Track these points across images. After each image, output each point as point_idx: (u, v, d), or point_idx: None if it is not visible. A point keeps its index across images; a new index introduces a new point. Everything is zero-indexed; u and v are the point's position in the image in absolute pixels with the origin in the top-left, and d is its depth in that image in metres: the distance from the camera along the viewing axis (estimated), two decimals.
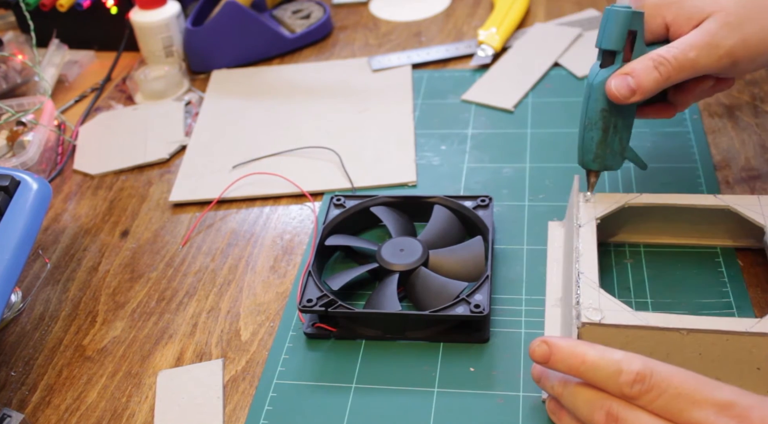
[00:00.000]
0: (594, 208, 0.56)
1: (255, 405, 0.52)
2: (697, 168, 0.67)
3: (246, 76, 0.89)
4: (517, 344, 0.54)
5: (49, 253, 0.68)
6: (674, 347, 0.47)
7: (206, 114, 0.83)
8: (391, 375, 0.53)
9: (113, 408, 0.54)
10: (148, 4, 0.87)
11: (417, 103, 0.81)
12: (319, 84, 0.86)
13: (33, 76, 0.88)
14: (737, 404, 0.38)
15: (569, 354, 0.43)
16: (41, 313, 0.62)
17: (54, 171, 0.78)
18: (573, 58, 0.83)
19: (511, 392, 0.51)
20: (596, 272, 0.51)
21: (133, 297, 0.63)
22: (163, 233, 0.69)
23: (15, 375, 0.57)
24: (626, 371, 0.40)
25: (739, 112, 0.73)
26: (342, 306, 0.54)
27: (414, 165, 0.72)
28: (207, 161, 0.76)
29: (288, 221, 0.68)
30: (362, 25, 0.97)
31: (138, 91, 0.88)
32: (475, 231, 0.61)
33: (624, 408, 0.40)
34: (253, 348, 0.57)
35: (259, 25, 0.89)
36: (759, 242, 0.57)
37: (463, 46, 0.89)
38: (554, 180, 0.68)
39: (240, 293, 0.61)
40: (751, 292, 0.55)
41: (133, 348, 0.58)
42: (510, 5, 0.90)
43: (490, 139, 0.74)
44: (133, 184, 0.75)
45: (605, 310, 0.48)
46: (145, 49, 0.90)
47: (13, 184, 0.60)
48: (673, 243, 0.59)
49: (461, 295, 0.54)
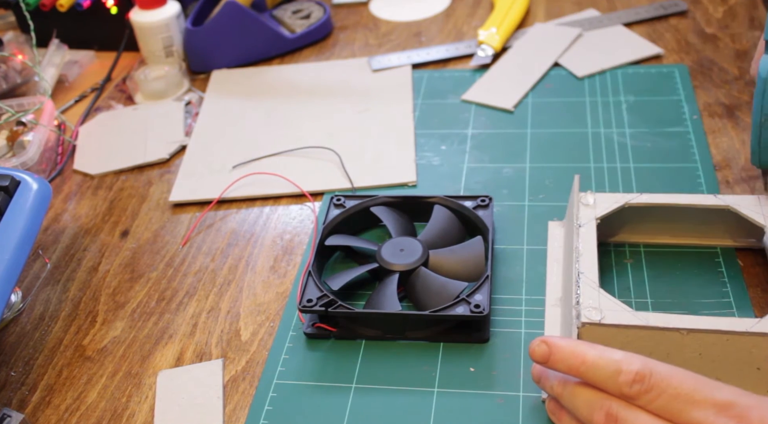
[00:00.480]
0: (594, 208, 0.56)
1: (255, 405, 0.52)
2: (697, 168, 0.67)
3: (246, 76, 0.89)
4: (517, 344, 0.54)
5: (49, 253, 0.68)
6: (674, 347, 0.47)
7: (206, 114, 0.83)
8: (391, 375, 0.53)
9: (113, 408, 0.54)
10: (148, 4, 0.87)
11: (417, 103, 0.81)
12: (319, 84, 0.86)
13: (33, 76, 0.88)
14: (737, 404, 0.38)
15: (569, 354, 0.43)
16: (41, 313, 0.62)
17: (54, 171, 0.78)
18: (573, 58, 0.83)
19: (511, 392, 0.51)
20: (596, 271, 0.51)
21: (133, 297, 0.63)
22: (163, 232, 0.69)
23: (15, 375, 0.57)
24: (626, 371, 0.40)
25: (739, 112, 0.73)
26: (342, 306, 0.54)
27: (414, 165, 0.72)
28: (207, 161, 0.76)
29: (288, 220, 0.68)
30: (362, 25, 0.97)
31: (138, 91, 0.88)
32: (475, 231, 0.61)
33: (623, 408, 0.40)
34: (253, 348, 0.57)
35: (259, 25, 0.89)
36: (759, 242, 0.57)
37: (463, 46, 0.89)
38: (554, 180, 0.68)
39: (240, 293, 0.61)
40: (751, 292, 0.55)
41: (133, 348, 0.58)
42: (510, 5, 0.90)
43: (490, 139, 0.74)
44: (133, 184, 0.75)
45: (605, 310, 0.48)
46: (145, 49, 0.90)
47: (13, 184, 0.60)
48: (673, 243, 0.59)
49: (461, 295, 0.54)
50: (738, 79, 0.77)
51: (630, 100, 0.76)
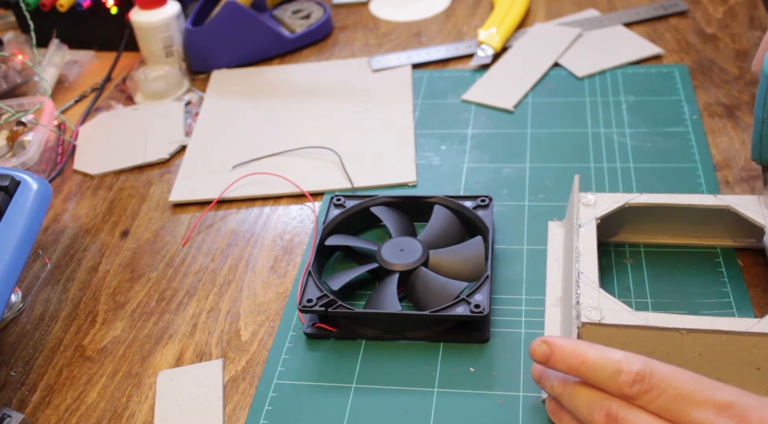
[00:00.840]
0: (594, 208, 0.56)
1: (255, 405, 0.52)
2: (697, 168, 0.67)
3: (246, 76, 0.89)
4: (517, 344, 0.54)
5: (49, 253, 0.68)
6: (674, 347, 0.47)
7: (206, 114, 0.83)
8: (391, 375, 0.53)
9: (113, 408, 0.54)
10: (148, 4, 0.87)
11: (417, 103, 0.81)
12: (319, 84, 0.86)
13: (33, 76, 0.88)
14: (737, 405, 0.38)
15: (569, 354, 0.43)
16: (41, 313, 0.62)
17: (54, 171, 0.78)
18: (573, 58, 0.83)
19: (511, 392, 0.51)
20: (596, 271, 0.51)
21: (133, 297, 0.63)
22: (163, 232, 0.69)
23: (15, 375, 0.57)
24: (626, 371, 0.40)
25: (739, 112, 0.73)
26: (342, 306, 0.54)
27: (414, 165, 0.72)
28: (207, 161, 0.76)
29: (288, 221, 0.68)
30: (362, 25, 0.97)
31: (138, 91, 0.88)
32: (475, 231, 0.61)
33: (623, 408, 0.40)
34: (253, 348, 0.57)
35: (259, 25, 0.89)
36: (759, 242, 0.57)
37: (463, 46, 0.89)
38: (554, 180, 0.68)
39: (240, 293, 0.61)
40: (751, 292, 0.55)
41: (133, 348, 0.58)
42: (510, 5, 0.90)
43: (490, 139, 0.74)
44: (133, 184, 0.75)
45: (605, 310, 0.48)
46: (145, 49, 0.90)
47: (13, 184, 0.60)
48: (673, 243, 0.59)
49: (461, 295, 0.54)
50: (738, 79, 0.77)
51: (630, 100, 0.76)
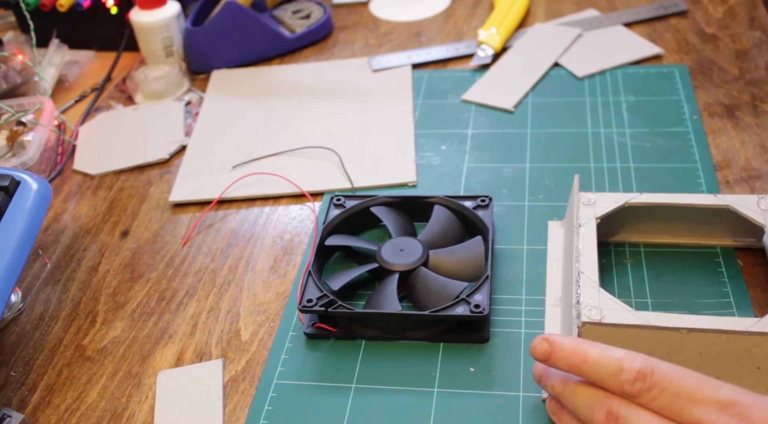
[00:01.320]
0: (594, 207, 0.56)
1: (255, 405, 0.52)
2: (697, 168, 0.67)
3: (246, 76, 0.89)
4: (517, 344, 0.54)
5: (49, 253, 0.68)
6: (674, 346, 0.47)
7: (206, 114, 0.83)
8: (391, 375, 0.53)
9: (113, 408, 0.54)
10: (148, 4, 0.87)
11: (417, 103, 0.81)
12: (319, 84, 0.86)
13: (33, 76, 0.88)
14: (738, 403, 0.38)
15: (570, 352, 0.43)
16: (41, 313, 0.62)
17: (54, 171, 0.78)
18: (573, 58, 0.83)
19: (511, 392, 0.51)
20: (596, 271, 0.51)
21: (133, 297, 0.63)
22: (163, 232, 0.69)
23: (15, 375, 0.57)
24: (627, 370, 0.40)
25: (739, 112, 0.73)
26: (342, 306, 0.54)
27: (414, 165, 0.72)
28: (207, 161, 0.76)
29: (288, 221, 0.68)
30: (362, 25, 0.97)
31: (138, 91, 0.88)
32: (475, 231, 0.61)
33: (624, 407, 0.40)
34: (253, 348, 0.57)
35: (259, 25, 0.89)
36: (759, 242, 0.57)
37: (463, 46, 0.89)
38: (554, 180, 0.68)
39: (240, 293, 0.61)
40: (751, 292, 0.55)
41: (133, 348, 0.58)
42: (510, 5, 0.90)
43: (490, 139, 0.74)
44: (133, 184, 0.75)
45: (605, 309, 0.48)
46: (145, 49, 0.90)
47: (13, 184, 0.60)
48: (673, 243, 0.59)
49: (461, 295, 0.54)
50: (738, 79, 0.77)
51: (630, 100, 0.76)
